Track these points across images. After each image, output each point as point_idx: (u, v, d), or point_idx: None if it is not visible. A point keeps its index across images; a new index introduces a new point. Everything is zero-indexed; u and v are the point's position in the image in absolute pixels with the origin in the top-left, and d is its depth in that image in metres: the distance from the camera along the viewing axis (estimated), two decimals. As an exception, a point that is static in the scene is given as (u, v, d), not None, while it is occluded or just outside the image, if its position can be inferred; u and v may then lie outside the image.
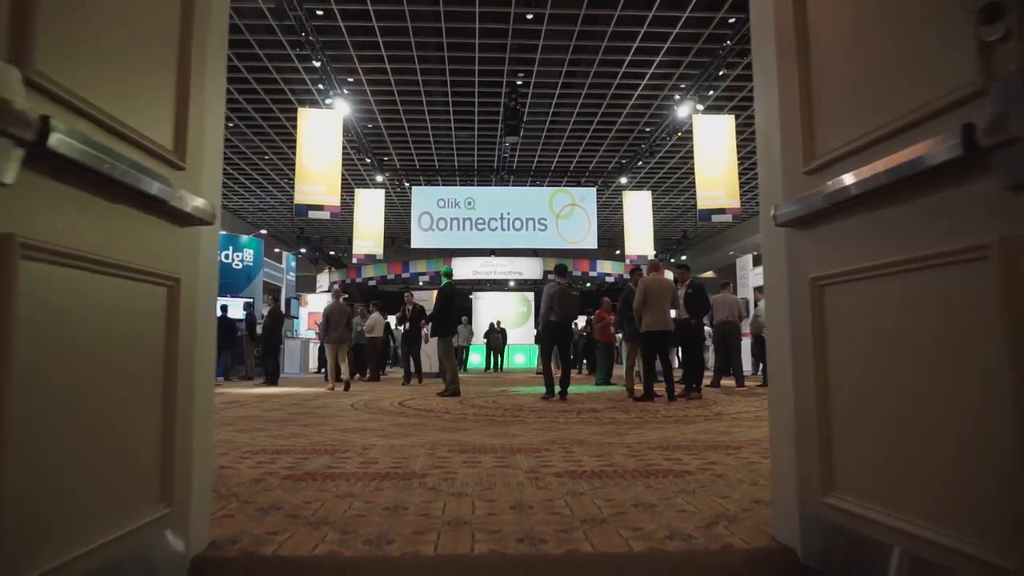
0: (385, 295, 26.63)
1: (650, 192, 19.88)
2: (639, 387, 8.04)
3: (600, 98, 16.25)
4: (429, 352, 13.34)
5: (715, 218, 13.87)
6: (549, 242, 20.05)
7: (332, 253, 27.45)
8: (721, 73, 13.74)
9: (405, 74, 15.03)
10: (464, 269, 22.18)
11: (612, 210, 24.45)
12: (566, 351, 8.63)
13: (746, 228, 24.87)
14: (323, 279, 25.62)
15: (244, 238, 14.35)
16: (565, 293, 8.14)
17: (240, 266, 13.99)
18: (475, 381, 13.04)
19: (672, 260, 26.33)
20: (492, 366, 17.85)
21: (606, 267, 23.84)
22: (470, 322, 18.91)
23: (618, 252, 26.60)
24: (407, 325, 12.23)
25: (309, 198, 13.36)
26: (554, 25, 13.15)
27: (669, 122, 16.11)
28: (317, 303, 24.95)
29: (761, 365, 12.56)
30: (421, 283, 23.73)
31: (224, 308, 12.01)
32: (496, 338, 17.39)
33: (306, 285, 29.16)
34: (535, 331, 23.25)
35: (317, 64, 13.17)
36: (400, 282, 23.66)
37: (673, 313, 8.00)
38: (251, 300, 13.20)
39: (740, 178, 15.42)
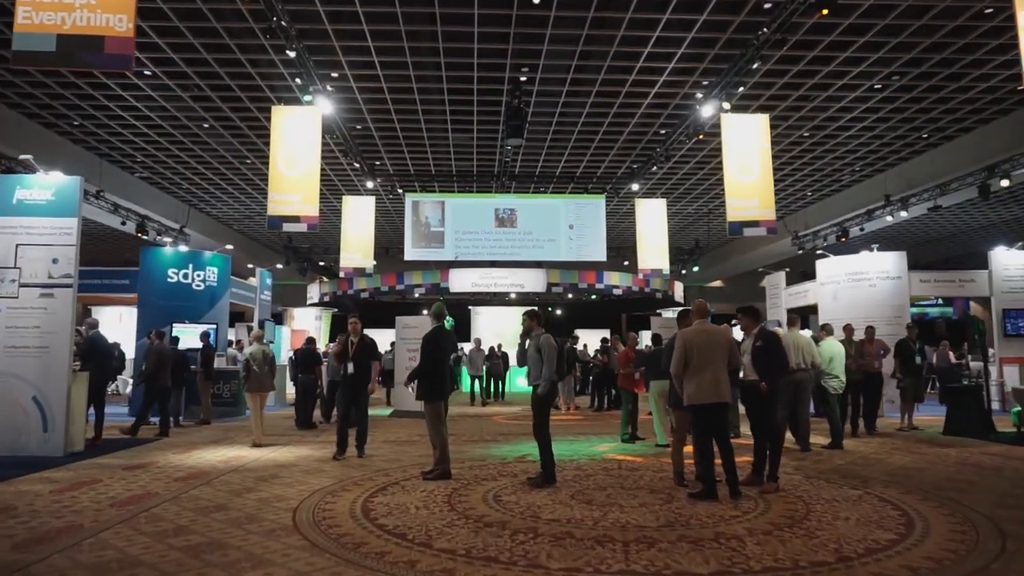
0: (379, 307, 24.36)
1: (664, 200, 17.53)
2: (690, 468, 5.76)
3: (613, 95, 13.96)
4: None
5: (747, 231, 11.59)
6: (555, 254, 17.63)
7: (322, 264, 25.06)
8: (755, 66, 11.45)
9: (395, 68, 12.74)
10: (462, 281, 19.86)
11: (620, 217, 22.09)
12: (544, 424, 6.10)
13: (761, 236, 22.55)
14: (313, 290, 23.32)
15: (207, 255, 11.87)
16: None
17: (202, 287, 11.50)
18: (473, 428, 10.71)
19: (683, 272, 23.88)
20: (493, 394, 15.53)
21: (614, 279, 21.46)
22: (480, 345, 16.44)
23: (627, 263, 24.28)
24: (350, 366, 7.64)
25: (283, 208, 11.10)
26: (564, 11, 10.87)
27: (690, 122, 13.81)
28: (305, 318, 22.68)
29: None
30: (417, 295, 21.42)
31: (175, 340, 9.63)
32: (496, 364, 15.00)
33: (296, 296, 26.85)
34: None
35: (292, 55, 10.84)
36: (395, 294, 21.35)
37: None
38: (211, 328, 10.79)
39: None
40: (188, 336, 10.41)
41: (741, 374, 5.62)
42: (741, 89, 12.24)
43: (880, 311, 11.11)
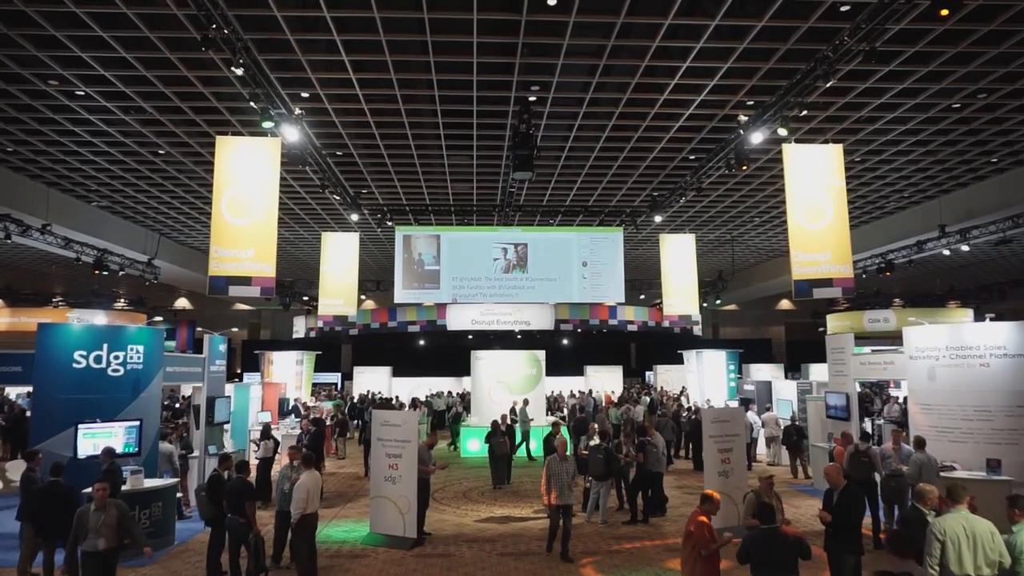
0: (372, 339, 21.47)
1: (692, 235, 14.66)
2: None
3: (639, 117, 11.21)
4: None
5: (817, 292, 8.79)
6: (566, 295, 14.67)
7: (306, 298, 22.15)
8: (828, 84, 8.65)
9: (377, 86, 10.04)
10: (461, 319, 17.07)
11: (634, 245, 19.26)
12: None
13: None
14: (300, 324, 20.53)
15: (130, 329, 8.67)
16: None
17: (121, 371, 8.21)
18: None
19: (704, 305, 20.96)
20: (498, 479, 11.72)
21: (628, 313, 18.67)
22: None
23: (643, 296, 21.47)
24: None
25: (230, 268, 8.28)
26: (585, 16, 8.12)
27: (732, 148, 11.00)
28: (284, 363, 19.61)
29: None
30: (409, 331, 18.56)
31: (57, 469, 6.35)
32: (501, 444, 11.65)
33: (288, 323, 24.03)
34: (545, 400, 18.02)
35: (239, 72, 8.02)
36: (386, 330, 18.50)
37: None
38: (133, 426, 7.60)
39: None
40: (103, 439, 7.47)
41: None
42: (804, 112, 9.40)
43: (995, 398, 8.06)
